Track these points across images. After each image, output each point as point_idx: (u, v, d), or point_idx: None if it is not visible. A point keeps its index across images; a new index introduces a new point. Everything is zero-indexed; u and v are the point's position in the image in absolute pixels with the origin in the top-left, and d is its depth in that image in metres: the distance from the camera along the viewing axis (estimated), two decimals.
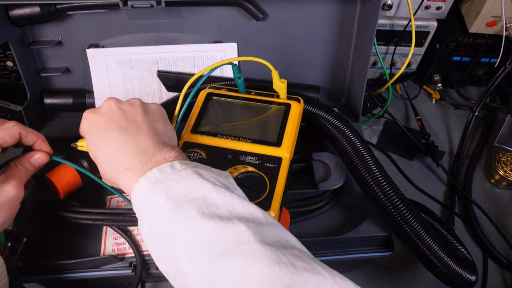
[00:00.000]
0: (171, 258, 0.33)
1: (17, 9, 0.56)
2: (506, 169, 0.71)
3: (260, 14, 0.61)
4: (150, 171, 0.37)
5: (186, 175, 0.36)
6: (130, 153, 0.39)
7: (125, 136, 0.40)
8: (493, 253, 0.64)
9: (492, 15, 0.69)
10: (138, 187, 0.36)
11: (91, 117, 0.42)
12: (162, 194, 0.35)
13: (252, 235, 0.31)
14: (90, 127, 0.42)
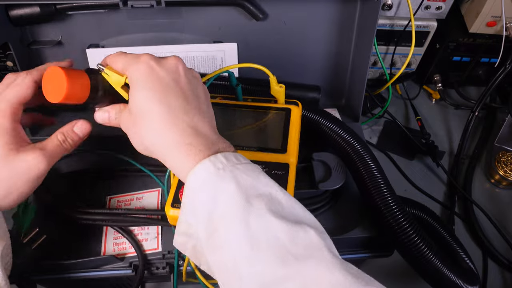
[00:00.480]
0: (230, 251, 0.32)
1: (17, 9, 0.56)
2: (506, 169, 0.71)
3: (260, 14, 0.61)
4: (215, 155, 0.35)
5: (252, 168, 0.35)
6: (193, 128, 0.36)
7: (189, 109, 0.37)
8: (493, 253, 0.64)
9: (492, 15, 0.69)
10: (199, 168, 0.34)
11: (155, 67, 0.37)
12: (233, 182, 0.33)
13: (322, 242, 0.31)
14: (149, 77, 0.37)
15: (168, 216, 0.44)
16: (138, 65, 0.37)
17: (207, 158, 0.34)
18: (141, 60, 0.37)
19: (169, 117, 0.36)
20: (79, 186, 0.56)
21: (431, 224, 0.60)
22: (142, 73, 0.37)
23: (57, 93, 0.39)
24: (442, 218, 0.68)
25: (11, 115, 0.39)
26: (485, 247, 0.65)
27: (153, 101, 0.36)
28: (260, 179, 0.35)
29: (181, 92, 0.37)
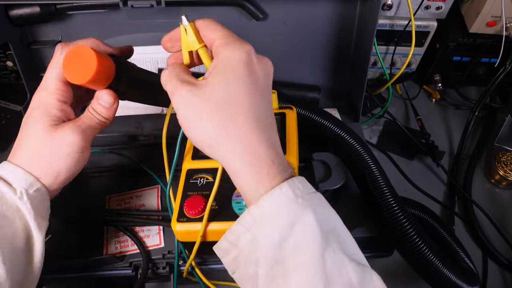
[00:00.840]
0: (300, 283, 0.31)
1: (17, 9, 0.56)
2: (506, 169, 0.71)
3: (260, 14, 0.61)
4: (292, 180, 0.33)
5: (322, 199, 0.34)
6: (274, 144, 0.33)
7: (272, 121, 0.34)
8: (493, 253, 0.64)
9: (492, 15, 0.69)
10: (278, 192, 0.32)
11: (255, 62, 0.34)
12: (312, 214, 0.31)
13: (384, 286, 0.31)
14: (248, 70, 0.33)
15: (175, 231, 0.43)
16: (241, 51, 0.33)
17: (286, 182, 0.32)
18: (244, 47, 0.33)
19: (258, 125, 0.32)
20: (79, 186, 0.56)
21: (431, 224, 0.60)
22: (243, 61, 0.33)
23: (83, 75, 0.37)
24: (442, 218, 0.68)
25: (56, 92, 0.40)
26: (485, 247, 0.65)
27: (244, 98, 0.32)
28: (331, 212, 0.34)
29: (269, 102, 0.34)
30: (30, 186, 0.38)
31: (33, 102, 0.41)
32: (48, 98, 0.40)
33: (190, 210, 0.42)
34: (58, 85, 0.40)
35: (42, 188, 0.39)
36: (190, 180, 0.46)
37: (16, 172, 0.38)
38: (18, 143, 0.40)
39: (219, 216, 0.43)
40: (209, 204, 0.42)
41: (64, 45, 0.41)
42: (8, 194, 0.37)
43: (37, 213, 0.39)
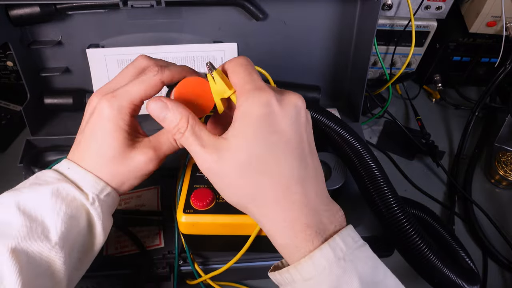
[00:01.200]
0: None
1: (17, 9, 0.56)
2: (506, 169, 0.71)
3: (260, 14, 0.61)
4: (333, 239, 0.31)
5: (368, 253, 0.33)
6: (308, 203, 0.31)
7: (307, 176, 0.32)
8: (493, 253, 0.64)
9: (492, 15, 0.69)
10: (318, 256, 0.30)
11: (276, 111, 0.30)
12: (356, 277, 0.30)
13: None
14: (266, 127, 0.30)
15: (179, 223, 0.44)
16: (259, 105, 0.30)
17: (326, 243, 0.30)
18: (263, 99, 0.31)
19: (289, 185, 0.31)
20: None
21: (431, 224, 0.59)
22: (263, 118, 0.30)
23: (199, 109, 0.37)
24: (442, 218, 0.68)
25: (131, 112, 0.38)
26: (485, 247, 0.65)
27: (268, 159, 0.30)
28: (378, 268, 0.32)
29: (301, 153, 0.31)
30: (101, 192, 0.38)
31: (105, 108, 0.37)
32: (124, 111, 0.37)
33: (197, 202, 0.43)
34: (137, 103, 0.38)
35: (112, 191, 0.39)
36: (196, 174, 0.46)
37: (86, 177, 0.38)
38: (86, 145, 0.39)
39: (227, 209, 0.43)
40: None
41: (160, 69, 0.37)
42: (79, 199, 0.37)
43: (106, 216, 0.39)
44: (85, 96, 0.66)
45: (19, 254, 0.33)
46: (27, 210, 0.35)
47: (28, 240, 0.34)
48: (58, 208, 0.36)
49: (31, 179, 0.38)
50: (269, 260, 0.53)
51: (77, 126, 0.66)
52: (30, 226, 0.34)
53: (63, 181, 0.37)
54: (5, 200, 0.36)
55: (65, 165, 0.39)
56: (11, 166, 0.62)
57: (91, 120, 0.39)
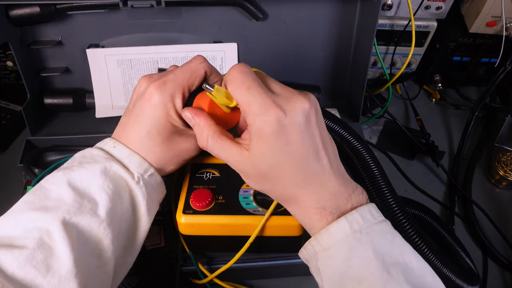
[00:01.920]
0: None
1: (17, 9, 0.56)
2: (506, 169, 0.71)
3: (260, 14, 0.61)
4: (351, 213, 0.34)
5: (387, 228, 0.35)
6: (326, 190, 0.35)
7: (322, 166, 0.35)
8: (493, 253, 0.64)
9: (492, 15, 0.69)
10: (335, 228, 0.34)
11: (284, 122, 0.33)
12: (370, 247, 0.32)
13: None
14: (280, 137, 0.33)
15: (179, 223, 0.44)
16: (269, 122, 0.33)
17: (343, 217, 0.34)
18: (272, 115, 0.33)
19: (302, 183, 0.35)
20: None
21: (431, 224, 0.59)
22: (275, 133, 0.33)
23: (225, 122, 0.40)
24: (442, 218, 0.68)
25: (179, 100, 0.39)
26: (485, 247, 0.65)
27: (286, 165, 0.34)
28: (396, 242, 0.34)
29: (315, 149, 0.34)
30: (145, 172, 0.39)
31: (155, 94, 0.38)
32: (173, 99, 0.39)
33: (197, 202, 0.43)
34: (185, 90, 0.40)
35: (155, 173, 0.40)
36: (196, 174, 0.47)
37: (132, 157, 0.39)
38: (134, 127, 0.40)
39: (226, 210, 0.43)
40: None
41: (204, 59, 0.41)
42: (125, 177, 0.38)
43: (150, 198, 0.40)
44: (85, 96, 0.66)
45: (71, 228, 0.34)
46: (77, 186, 0.36)
47: (80, 215, 0.35)
48: (106, 186, 0.37)
49: (78, 157, 0.40)
50: (270, 260, 0.53)
51: (77, 126, 0.66)
52: (80, 201, 0.36)
53: (111, 160, 0.38)
54: (57, 178, 0.37)
55: (111, 144, 0.40)
56: (11, 166, 0.63)
57: (139, 104, 0.40)
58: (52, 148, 0.63)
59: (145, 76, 0.40)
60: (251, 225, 0.43)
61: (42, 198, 0.36)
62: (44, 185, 0.37)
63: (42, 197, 0.36)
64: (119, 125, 0.42)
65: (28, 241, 0.33)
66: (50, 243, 0.33)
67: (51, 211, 0.34)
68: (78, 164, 0.38)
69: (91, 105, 0.66)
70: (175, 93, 0.39)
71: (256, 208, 0.43)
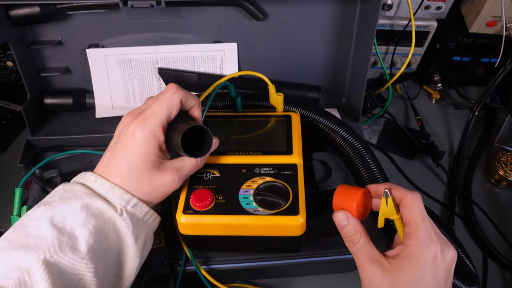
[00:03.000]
0: None
1: (17, 9, 0.56)
2: (506, 169, 0.71)
3: (260, 14, 0.61)
4: None
5: None
6: None
7: None
8: (493, 253, 0.64)
9: (492, 15, 0.69)
10: None
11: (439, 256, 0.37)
12: None
13: None
14: (433, 266, 0.37)
15: (179, 223, 0.44)
16: (428, 252, 0.36)
17: None
18: (433, 250, 0.36)
19: None
20: None
21: None
22: (429, 263, 0.36)
23: (363, 214, 0.42)
24: (442, 218, 0.68)
25: (160, 135, 0.41)
26: (485, 247, 0.65)
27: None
28: None
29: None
30: (127, 203, 0.40)
31: (137, 131, 0.40)
32: (155, 134, 0.41)
33: (197, 202, 0.43)
34: (164, 124, 0.42)
35: (140, 202, 0.41)
36: (196, 174, 0.46)
37: (114, 190, 0.40)
38: (116, 163, 0.41)
39: (226, 210, 0.43)
40: None
41: (177, 88, 0.43)
42: (107, 211, 0.39)
43: (136, 227, 0.40)
44: (85, 96, 0.66)
45: (51, 266, 0.35)
46: (58, 223, 0.37)
47: (60, 253, 0.35)
48: (87, 221, 0.37)
49: (59, 191, 0.40)
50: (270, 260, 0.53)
51: (77, 126, 0.66)
52: (61, 239, 0.36)
53: (92, 196, 0.39)
54: (37, 214, 0.38)
55: (92, 179, 0.41)
56: (11, 166, 0.62)
57: (121, 141, 0.41)
58: (52, 148, 0.63)
59: (126, 114, 0.42)
60: (251, 225, 0.43)
61: (23, 235, 0.36)
62: (25, 221, 0.38)
63: (22, 235, 0.36)
64: (102, 161, 0.42)
65: (8, 281, 0.33)
66: (30, 283, 0.33)
67: (32, 250, 0.35)
68: (59, 199, 0.39)
69: (91, 105, 0.66)
70: (155, 128, 0.40)
71: (256, 208, 0.43)
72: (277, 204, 0.43)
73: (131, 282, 0.42)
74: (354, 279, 0.34)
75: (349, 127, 0.54)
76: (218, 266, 0.52)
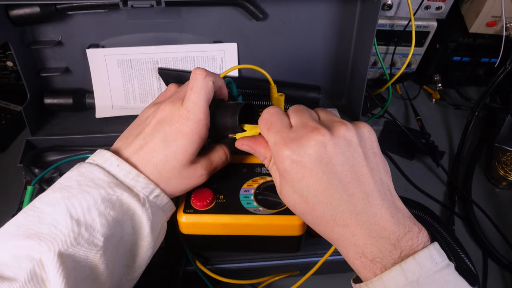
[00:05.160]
0: None
1: (17, 9, 0.56)
2: (506, 169, 0.71)
3: (260, 14, 0.61)
4: (405, 261, 0.30)
5: (450, 276, 0.31)
6: (371, 226, 0.32)
7: (371, 201, 0.32)
8: (493, 253, 0.64)
9: (492, 15, 0.69)
10: (387, 279, 0.30)
11: (326, 139, 0.33)
12: None
13: None
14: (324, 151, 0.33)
15: (180, 223, 0.44)
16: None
17: (398, 266, 0.30)
18: (311, 144, 0.33)
19: (339, 220, 0.33)
20: None
21: (431, 224, 0.59)
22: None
23: None
24: (442, 218, 0.68)
25: (206, 121, 0.40)
26: (485, 247, 0.65)
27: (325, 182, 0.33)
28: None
29: (359, 187, 0.33)
30: (150, 193, 0.39)
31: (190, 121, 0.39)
32: (201, 123, 0.40)
33: (197, 202, 0.43)
34: (206, 111, 0.40)
35: (162, 193, 0.40)
36: None
37: (139, 179, 0.38)
38: (151, 151, 0.39)
39: (227, 209, 0.43)
40: None
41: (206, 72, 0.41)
42: (129, 202, 0.37)
43: (154, 218, 0.39)
44: (85, 96, 0.66)
45: (66, 259, 0.33)
46: (76, 214, 0.35)
47: (76, 246, 0.34)
48: (107, 213, 0.36)
49: (75, 175, 0.37)
50: (270, 260, 0.53)
51: (77, 126, 0.65)
52: (78, 231, 0.34)
53: (114, 185, 0.37)
54: (54, 201, 0.36)
55: (114, 161, 0.38)
56: (11, 166, 0.63)
57: (165, 130, 0.39)
58: (52, 148, 0.63)
59: (164, 103, 0.41)
60: (251, 224, 0.43)
61: (36, 221, 0.34)
62: (38, 205, 0.35)
63: (35, 221, 0.34)
64: (129, 145, 0.40)
65: (19, 272, 0.31)
66: (43, 276, 0.32)
67: (46, 241, 0.33)
68: (78, 186, 0.36)
69: (91, 105, 0.66)
70: (201, 118, 0.39)
71: (257, 207, 0.43)
72: (277, 204, 0.43)
73: (141, 272, 0.41)
74: None
75: None
76: (218, 266, 0.52)
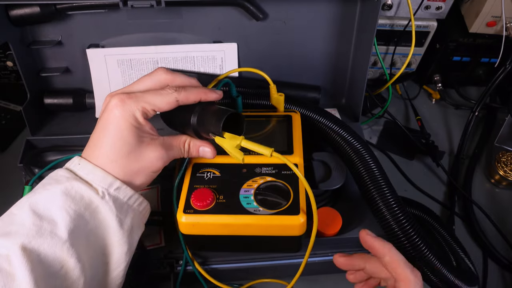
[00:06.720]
0: None
1: (17, 9, 0.56)
2: (506, 169, 0.71)
3: (260, 14, 0.61)
4: None
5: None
6: None
7: None
8: (493, 253, 0.64)
9: (492, 15, 0.69)
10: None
11: None
12: None
13: None
14: None
15: (179, 223, 0.44)
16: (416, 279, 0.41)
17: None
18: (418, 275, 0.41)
19: None
20: None
21: (431, 224, 0.60)
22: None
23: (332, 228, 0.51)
24: (442, 218, 0.68)
25: (142, 114, 0.40)
26: (485, 247, 0.65)
27: None
28: None
29: None
30: (110, 186, 0.39)
31: (118, 105, 0.39)
32: (137, 112, 0.40)
33: (197, 202, 0.43)
34: (149, 110, 0.41)
35: (123, 186, 0.40)
36: (196, 174, 0.47)
37: (95, 172, 0.39)
38: (98, 141, 0.40)
39: (227, 210, 0.43)
40: None
41: (178, 89, 0.42)
42: (89, 194, 0.38)
43: (120, 212, 0.39)
44: (85, 96, 0.66)
45: (30, 252, 0.34)
46: (38, 209, 0.36)
47: (39, 238, 0.35)
48: (67, 205, 0.37)
49: (46, 179, 0.40)
50: (270, 260, 0.53)
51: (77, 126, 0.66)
52: (40, 224, 0.36)
53: (72, 179, 0.38)
54: (21, 203, 0.38)
55: (76, 161, 0.40)
56: (11, 166, 0.63)
57: (103, 117, 0.40)
58: (52, 148, 0.63)
59: (111, 93, 0.42)
60: (251, 224, 0.43)
61: (7, 223, 0.36)
62: (12, 210, 0.38)
63: (7, 223, 0.36)
64: (88, 143, 0.41)
65: None
66: (10, 270, 0.33)
67: (11, 237, 0.34)
68: (41, 186, 0.39)
69: (91, 105, 0.66)
70: (139, 108, 0.40)
71: (257, 207, 0.43)
72: (277, 204, 0.43)
73: (122, 270, 0.40)
74: None
75: (349, 127, 0.54)
76: (218, 266, 0.52)
